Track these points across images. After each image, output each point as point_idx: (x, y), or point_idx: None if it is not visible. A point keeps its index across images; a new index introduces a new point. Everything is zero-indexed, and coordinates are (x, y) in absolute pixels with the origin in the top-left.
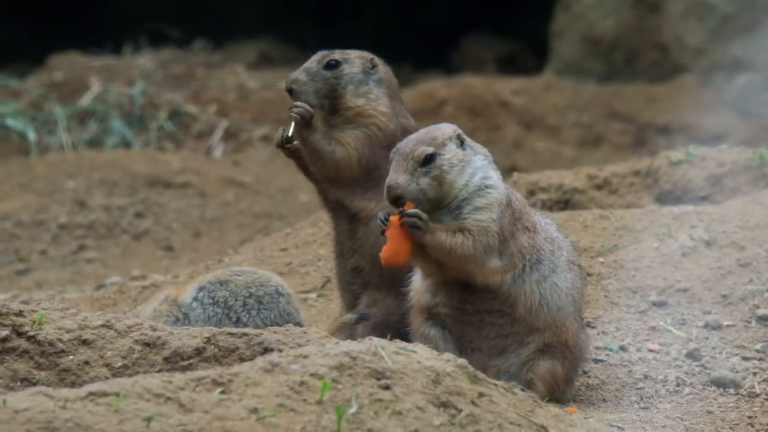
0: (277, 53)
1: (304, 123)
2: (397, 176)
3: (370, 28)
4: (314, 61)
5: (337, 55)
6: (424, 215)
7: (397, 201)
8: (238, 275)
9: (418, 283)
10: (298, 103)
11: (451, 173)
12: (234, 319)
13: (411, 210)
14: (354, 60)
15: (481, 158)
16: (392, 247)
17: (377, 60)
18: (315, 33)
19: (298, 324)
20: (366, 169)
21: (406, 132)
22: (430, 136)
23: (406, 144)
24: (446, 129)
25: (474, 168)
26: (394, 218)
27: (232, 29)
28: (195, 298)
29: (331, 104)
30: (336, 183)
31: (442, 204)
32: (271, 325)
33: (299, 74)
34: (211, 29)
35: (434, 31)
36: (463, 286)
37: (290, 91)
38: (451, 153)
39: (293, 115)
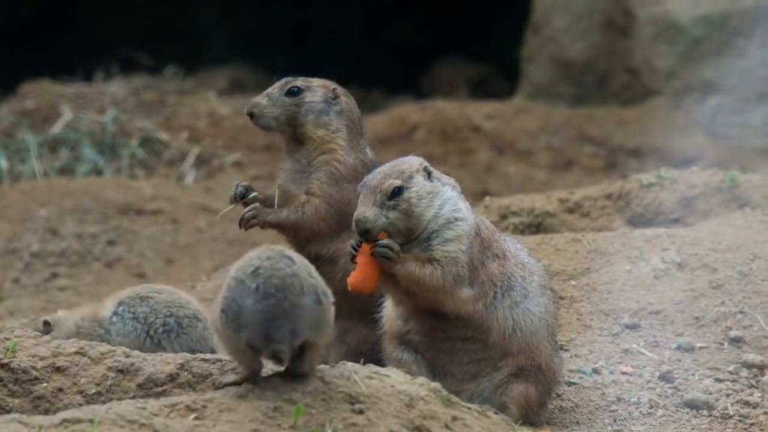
0: (248, 79)
1: (263, 213)
2: (365, 210)
3: (342, 53)
4: (277, 87)
5: (299, 82)
6: (396, 246)
7: (365, 234)
8: (158, 293)
9: (389, 310)
10: (249, 208)
11: (420, 206)
12: (155, 341)
13: (384, 240)
14: (316, 89)
15: (449, 189)
16: (360, 274)
17: (340, 90)
18: (287, 58)
19: (213, 351)
20: (339, 210)
21: (365, 166)
22: (397, 170)
23: (373, 177)
24: (413, 162)
25: (442, 200)
26: (365, 246)
27: (204, 56)
28: (115, 313)
29: (293, 132)
30: (314, 239)
31: (411, 237)
32: (188, 350)
33: (261, 99)
34: (183, 56)
35: (406, 55)
36: (434, 313)
37: (251, 115)
38: (418, 186)
39: (253, 222)
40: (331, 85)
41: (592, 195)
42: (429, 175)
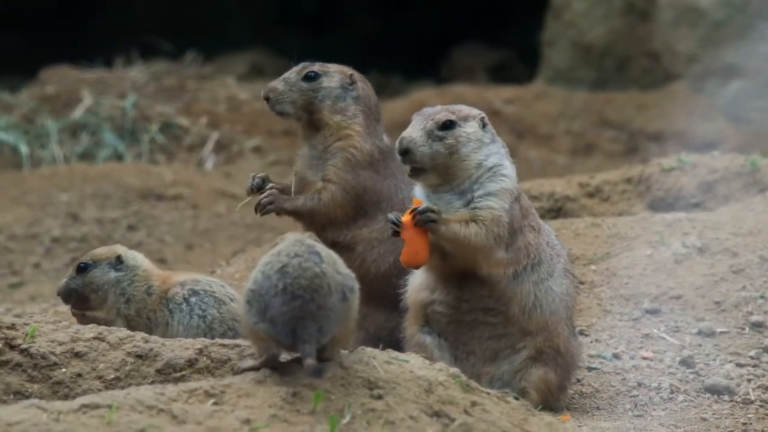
0: (268, 65)
1: (280, 200)
2: (412, 131)
3: (362, 39)
4: (294, 72)
5: (316, 67)
6: (435, 208)
7: (405, 154)
8: (231, 299)
9: (415, 282)
10: (265, 194)
11: (466, 147)
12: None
13: (422, 206)
14: (333, 74)
15: (500, 146)
16: (411, 248)
17: (357, 76)
18: (306, 44)
19: None
20: (355, 197)
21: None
22: (456, 108)
23: (430, 108)
24: (472, 109)
25: (490, 151)
26: (406, 219)
27: (223, 41)
28: (186, 300)
29: (309, 118)
30: (330, 226)
31: (451, 179)
32: None
33: (277, 83)
34: (203, 41)
35: (425, 40)
36: (460, 282)
37: (267, 99)
38: (472, 129)
39: (269, 208)
40: (348, 70)
41: (612, 179)
42: (484, 126)
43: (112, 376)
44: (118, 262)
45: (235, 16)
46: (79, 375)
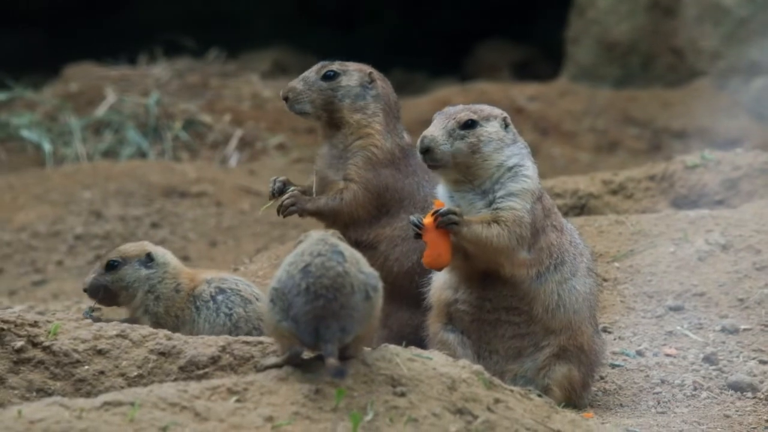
0: (291, 62)
1: (302, 201)
2: (434, 130)
3: (386, 36)
4: (313, 71)
5: (335, 66)
6: (458, 209)
7: (426, 153)
8: (257, 298)
9: (439, 281)
10: (287, 195)
11: (487, 147)
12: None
13: (443, 209)
14: (352, 73)
15: (521, 146)
16: (434, 250)
17: (376, 74)
18: (329, 41)
19: None
20: (377, 196)
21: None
22: (478, 108)
23: (452, 107)
24: (494, 108)
25: (512, 151)
26: (428, 221)
27: (247, 39)
28: (213, 298)
29: (329, 117)
30: (353, 225)
31: (472, 179)
32: None
33: (296, 83)
34: (226, 39)
35: (449, 37)
36: (483, 282)
37: (286, 99)
38: (493, 128)
39: (292, 210)
40: (367, 69)
41: (635, 177)
42: (506, 126)
43: (135, 374)
44: (149, 259)
45: (259, 14)
46: (102, 372)
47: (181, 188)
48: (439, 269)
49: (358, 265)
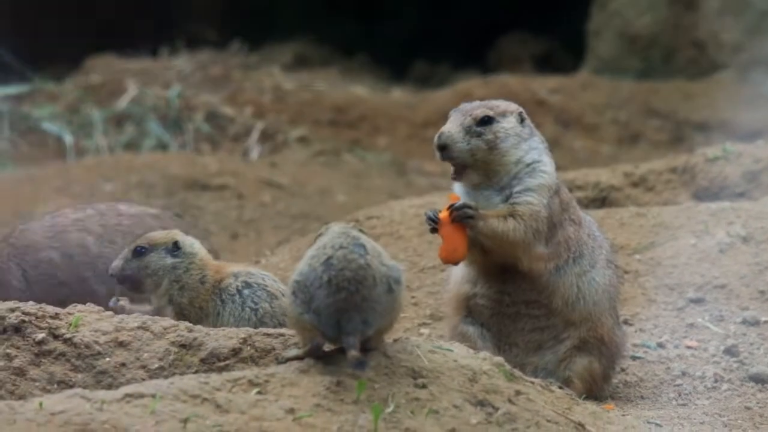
0: (313, 54)
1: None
2: (452, 127)
3: (408, 28)
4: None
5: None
6: (473, 203)
7: (442, 150)
8: (283, 294)
9: (457, 275)
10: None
11: (505, 142)
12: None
13: (458, 203)
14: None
15: (539, 141)
16: (450, 245)
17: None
18: (352, 34)
19: None
20: None
21: None
22: (494, 104)
23: (468, 104)
24: (510, 104)
25: (529, 147)
26: (443, 215)
27: (269, 31)
28: (239, 292)
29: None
30: None
31: (491, 175)
32: None
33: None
34: (248, 31)
35: (471, 30)
36: (502, 276)
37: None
38: (510, 124)
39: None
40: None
41: (657, 169)
42: (522, 121)
43: (156, 366)
44: (176, 248)
45: (281, 6)
46: (123, 364)
47: (203, 181)
48: (456, 263)
49: (380, 258)
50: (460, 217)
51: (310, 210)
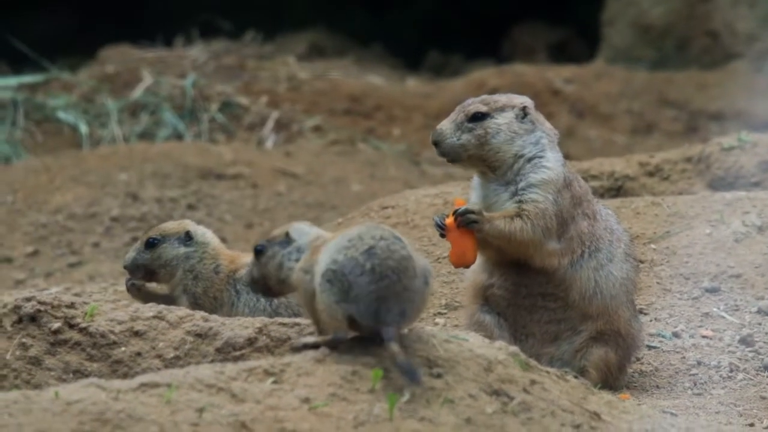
0: (328, 44)
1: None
2: (444, 123)
3: (422, 18)
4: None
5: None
6: (477, 207)
7: (435, 145)
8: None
9: (475, 264)
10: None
11: (496, 138)
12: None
13: (461, 208)
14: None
15: (542, 136)
16: (458, 249)
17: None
18: (367, 23)
19: None
20: None
21: None
22: (494, 98)
23: (470, 99)
24: (514, 98)
25: (526, 142)
26: (449, 221)
27: (283, 20)
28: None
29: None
30: None
31: (494, 170)
32: None
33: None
34: (262, 20)
35: (485, 19)
36: (518, 268)
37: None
38: (505, 120)
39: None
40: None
41: (672, 158)
42: (524, 116)
43: (172, 355)
44: (188, 237)
45: None
46: (139, 354)
47: (218, 170)
48: (467, 267)
49: (414, 252)
50: (464, 222)
51: (324, 199)
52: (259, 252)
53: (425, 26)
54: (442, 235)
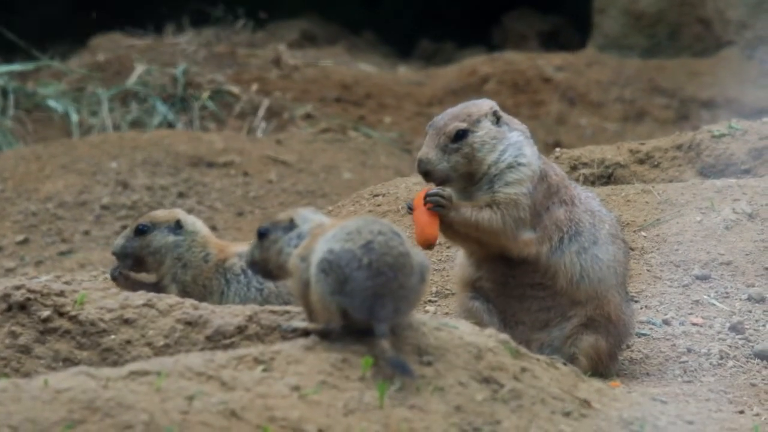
0: (319, 32)
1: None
2: (428, 151)
3: (414, 5)
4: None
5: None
6: (447, 192)
7: (426, 175)
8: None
9: (462, 257)
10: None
11: (482, 151)
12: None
13: (433, 189)
14: None
15: (517, 135)
16: (417, 228)
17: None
18: (358, 11)
19: None
20: None
21: None
22: (465, 112)
23: (441, 118)
24: (482, 105)
25: (506, 145)
26: (417, 201)
27: (274, 8)
28: (244, 272)
29: None
30: None
31: (473, 179)
32: None
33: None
34: (253, 8)
35: (477, 7)
36: (505, 261)
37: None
38: (484, 130)
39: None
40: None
41: (662, 146)
42: (498, 120)
43: (162, 343)
44: (177, 226)
45: None
46: (128, 342)
47: (209, 158)
48: (429, 247)
49: (411, 247)
50: (432, 202)
51: (315, 187)
52: (262, 235)
53: (417, 14)
54: (409, 212)
